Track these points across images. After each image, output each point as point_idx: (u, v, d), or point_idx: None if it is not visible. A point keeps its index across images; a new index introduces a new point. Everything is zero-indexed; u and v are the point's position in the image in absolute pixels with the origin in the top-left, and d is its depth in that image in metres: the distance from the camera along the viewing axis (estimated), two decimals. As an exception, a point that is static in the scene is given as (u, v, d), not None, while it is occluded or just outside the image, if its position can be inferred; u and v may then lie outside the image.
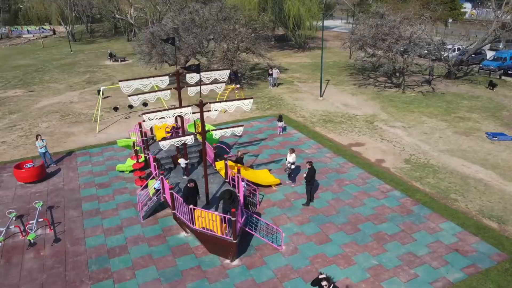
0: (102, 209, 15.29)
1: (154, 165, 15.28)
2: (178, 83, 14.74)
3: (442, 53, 32.86)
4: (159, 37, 30.77)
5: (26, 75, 38.91)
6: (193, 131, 17.77)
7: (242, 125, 13.98)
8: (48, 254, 12.78)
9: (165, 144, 12.26)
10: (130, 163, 17.40)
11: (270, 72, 32.41)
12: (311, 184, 15.11)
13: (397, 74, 32.23)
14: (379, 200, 15.64)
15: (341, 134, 22.68)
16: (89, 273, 11.91)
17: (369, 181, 17.08)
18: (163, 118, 12.15)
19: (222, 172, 15.72)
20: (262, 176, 16.81)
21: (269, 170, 17.83)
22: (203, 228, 12.17)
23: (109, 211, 15.11)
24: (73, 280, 11.64)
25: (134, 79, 14.03)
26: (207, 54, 31.29)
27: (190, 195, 12.50)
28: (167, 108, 17.26)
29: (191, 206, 12.15)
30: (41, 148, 18.06)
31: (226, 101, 13.67)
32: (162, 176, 13.95)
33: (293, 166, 16.51)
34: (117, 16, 50.82)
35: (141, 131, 17.70)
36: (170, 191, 12.95)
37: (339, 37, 55.93)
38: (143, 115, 12.07)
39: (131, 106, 27.09)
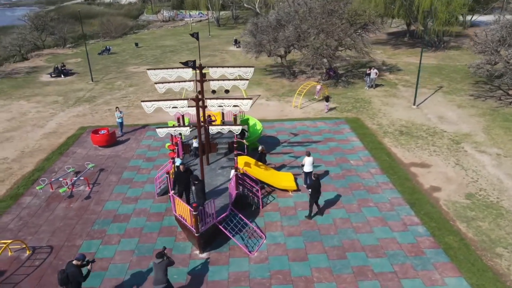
0: (135, 179, 17.48)
1: (176, 149, 16.57)
2: (201, 75, 15.47)
3: None
4: (261, 28, 31.91)
5: (162, 55, 45.15)
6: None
7: (240, 125, 13.92)
8: (74, 207, 15.51)
9: (161, 132, 13.33)
10: (176, 143, 19.17)
11: (368, 72, 30.21)
12: (314, 198, 14.20)
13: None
14: (392, 231, 13.71)
15: (409, 150, 20.08)
16: (89, 231, 14.08)
17: (398, 209, 15.00)
18: (160, 108, 13.17)
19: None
20: (282, 178, 16.45)
21: (298, 174, 17.27)
22: (180, 215, 12.95)
23: (138, 183, 17.19)
24: (75, 233, 13.96)
25: (161, 68, 15.34)
26: (307, 47, 30.94)
27: (179, 178, 13.20)
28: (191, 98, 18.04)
29: (171, 193, 13.02)
30: (118, 118, 21.38)
31: (223, 98, 13.83)
32: (172, 159, 15.17)
33: (306, 169, 15.85)
34: (245, 5, 53.85)
35: (181, 117, 19.11)
36: (167, 174, 14.06)
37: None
38: (142, 103, 13.34)
39: (213, 91, 29.07)
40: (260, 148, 16.96)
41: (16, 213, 15.21)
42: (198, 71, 13.63)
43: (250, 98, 13.50)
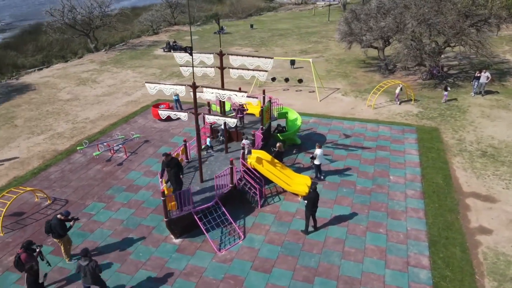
0: (167, 155, 18.34)
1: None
2: (221, 63, 15.14)
3: None
4: (359, 15, 29.41)
5: (269, 38, 45.45)
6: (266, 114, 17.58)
7: (236, 118, 13.18)
8: (105, 170, 17.20)
9: (163, 114, 13.62)
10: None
11: (477, 75, 25.08)
12: (310, 211, 12.72)
13: None
14: (385, 268, 11.50)
15: (480, 177, 16.29)
16: (102, 194, 15.48)
17: (412, 243, 12.44)
18: (161, 90, 13.40)
19: (250, 161, 15.20)
20: (296, 182, 15.18)
21: (318, 179, 15.78)
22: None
23: (167, 159, 18.00)
24: (91, 193, 15.53)
25: (185, 52, 15.51)
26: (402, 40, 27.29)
27: (165, 167, 13.38)
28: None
29: (160, 180, 13.29)
30: (174, 95, 22.61)
31: (218, 88, 13.17)
32: (184, 142, 15.46)
33: (316, 162, 15.26)
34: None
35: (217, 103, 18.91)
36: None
37: None
38: (146, 83, 13.71)
39: (300, 80, 28.14)
40: (277, 145, 15.89)
41: (62, 166, 17.66)
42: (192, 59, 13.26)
43: (245, 92, 12.66)
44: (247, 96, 12.72)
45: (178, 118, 13.69)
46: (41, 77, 32.71)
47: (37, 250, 10.59)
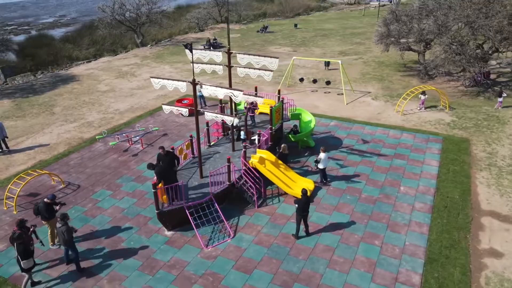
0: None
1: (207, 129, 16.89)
2: (229, 61, 15.15)
3: None
4: (399, 17, 28.14)
5: (311, 38, 44.77)
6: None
7: (234, 116, 13.09)
8: (120, 160, 17.94)
9: (167, 108, 13.94)
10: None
11: (524, 84, 22.97)
12: (301, 215, 12.38)
13: None
14: (371, 281, 10.90)
15: (504, 196, 14.96)
16: (111, 182, 16.16)
17: (406, 259, 11.69)
18: (164, 85, 13.67)
19: (252, 161, 15.06)
20: (298, 184, 14.85)
21: (322, 184, 15.35)
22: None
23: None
24: (102, 181, 16.27)
25: (196, 49, 15.67)
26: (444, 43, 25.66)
27: (161, 160, 13.67)
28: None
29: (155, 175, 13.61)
30: (198, 92, 22.98)
31: (216, 86, 13.12)
32: (190, 137, 15.71)
33: (320, 166, 14.76)
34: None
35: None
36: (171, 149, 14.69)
37: None
38: (151, 78, 14.03)
39: (328, 82, 27.55)
40: (282, 146, 15.63)
41: (83, 153, 18.68)
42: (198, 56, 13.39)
43: (242, 90, 12.56)
44: (244, 94, 12.63)
45: (192, 114, 13.97)
46: (87, 69, 34.82)
47: (31, 229, 11.29)
